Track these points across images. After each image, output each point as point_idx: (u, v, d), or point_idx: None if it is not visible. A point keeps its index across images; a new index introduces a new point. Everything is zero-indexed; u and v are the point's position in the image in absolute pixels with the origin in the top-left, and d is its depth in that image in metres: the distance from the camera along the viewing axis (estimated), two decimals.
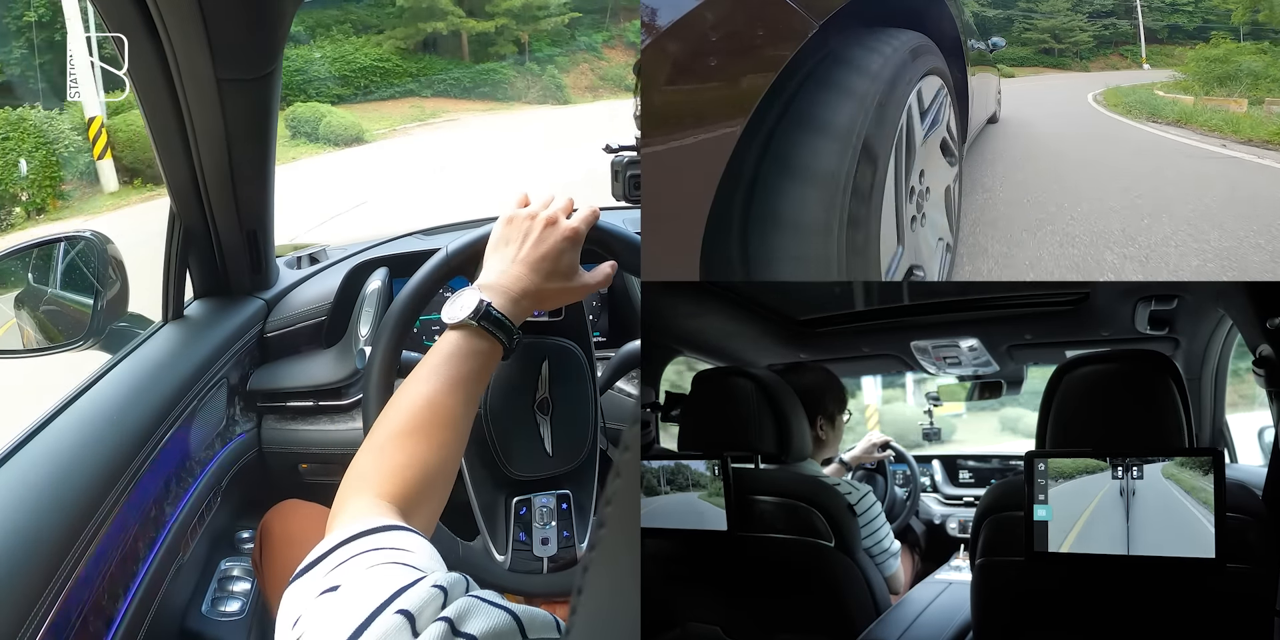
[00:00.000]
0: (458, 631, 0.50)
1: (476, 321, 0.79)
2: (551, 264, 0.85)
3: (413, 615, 0.51)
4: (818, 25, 0.68)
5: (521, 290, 0.83)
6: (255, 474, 1.25)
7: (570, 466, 1.01)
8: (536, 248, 0.85)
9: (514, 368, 0.98)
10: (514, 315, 0.82)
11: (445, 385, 0.76)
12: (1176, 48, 4.98)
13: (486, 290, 0.82)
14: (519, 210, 0.87)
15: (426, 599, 0.52)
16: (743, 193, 0.76)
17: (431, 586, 0.53)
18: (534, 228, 0.85)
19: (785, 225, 0.75)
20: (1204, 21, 5.04)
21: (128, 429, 0.93)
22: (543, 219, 0.85)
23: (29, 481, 0.80)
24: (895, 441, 1.70)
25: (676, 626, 1.11)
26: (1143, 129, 3.43)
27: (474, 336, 0.79)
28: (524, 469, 0.99)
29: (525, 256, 0.84)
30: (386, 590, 0.53)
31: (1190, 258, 1.58)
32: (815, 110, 0.74)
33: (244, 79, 1.00)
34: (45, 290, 1.21)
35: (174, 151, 1.05)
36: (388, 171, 10.09)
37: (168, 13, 0.89)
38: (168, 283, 1.15)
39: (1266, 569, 0.71)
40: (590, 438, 1.02)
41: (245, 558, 1.22)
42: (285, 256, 1.44)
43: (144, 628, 0.92)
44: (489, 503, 0.98)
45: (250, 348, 1.24)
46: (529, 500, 1.00)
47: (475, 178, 8.73)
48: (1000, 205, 1.96)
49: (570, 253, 0.86)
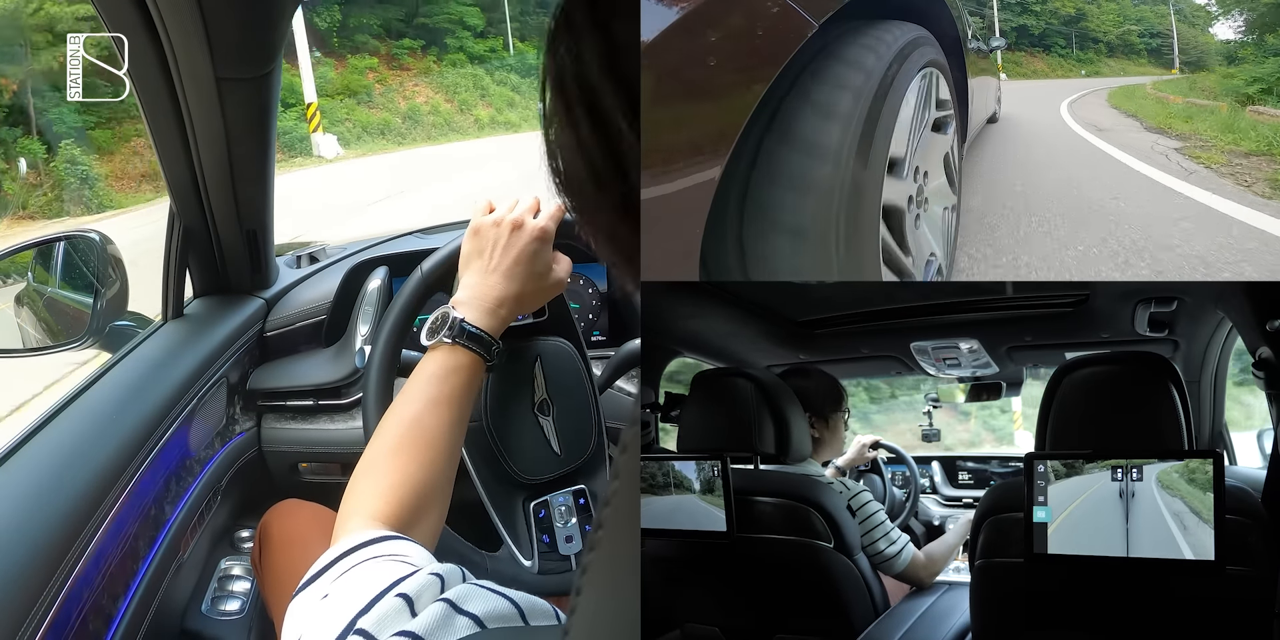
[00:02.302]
0: (460, 610, 0.51)
1: (452, 339, 0.81)
2: (525, 267, 0.85)
3: (411, 598, 0.52)
4: (817, 25, 0.68)
5: (497, 299, 0.84)
6: (255, 473, 1.25)
7: (580, 461, 1.01)
8: (506, 254, 0.85)
9: (508, 374, 0.98)
10: (492, 327, 0.83)
11: (428, 405, 0.78)
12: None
13: (461, 306, 0.83)
14: (484, 219, 0.87)
15: (424, 584, 0.53)
16: (738, 191, 0.76)
17: (429, 573, 0.55)
18: (501, 235, 0.85)
19: (783, 225, 0.75)
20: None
21: (127, 428, 0.93)
22: (509, 224, 0.85)
23: (29, 480, 0.81)
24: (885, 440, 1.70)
25: (676, 627, 1.11)
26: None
27: (452, 354, 0.81)
28: (535, 472, 0.99)
29: (497, 265, 0.85)
30: (384, 581, 0.54)
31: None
32: (811, 107, 0.74)
33: (244, 78, 1.01)
34: (45, 289, 1.21)
35: (174, 151, 1.05)
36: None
37: (167, 13, 0.89)
38: (167, 282, 1.15)
39: (1266, 572, 0.71)
40: (596, 429, 1.02)
41: (245, 557, 1.22)
42: (285, 255, 1.44)
43: (144, 627, 0.92)
44: (507, 511, 0.98)
45: (250, 347, 1.24)
46: (546, 502, 1.00)
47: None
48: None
49: (542, 252, 0.86)
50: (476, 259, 0.86)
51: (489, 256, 0.85)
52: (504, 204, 0.89)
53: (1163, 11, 5.23)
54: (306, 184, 10.40)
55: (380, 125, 15.04)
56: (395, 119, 15.34)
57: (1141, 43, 5.38)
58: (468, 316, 0.82)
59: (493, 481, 0.97)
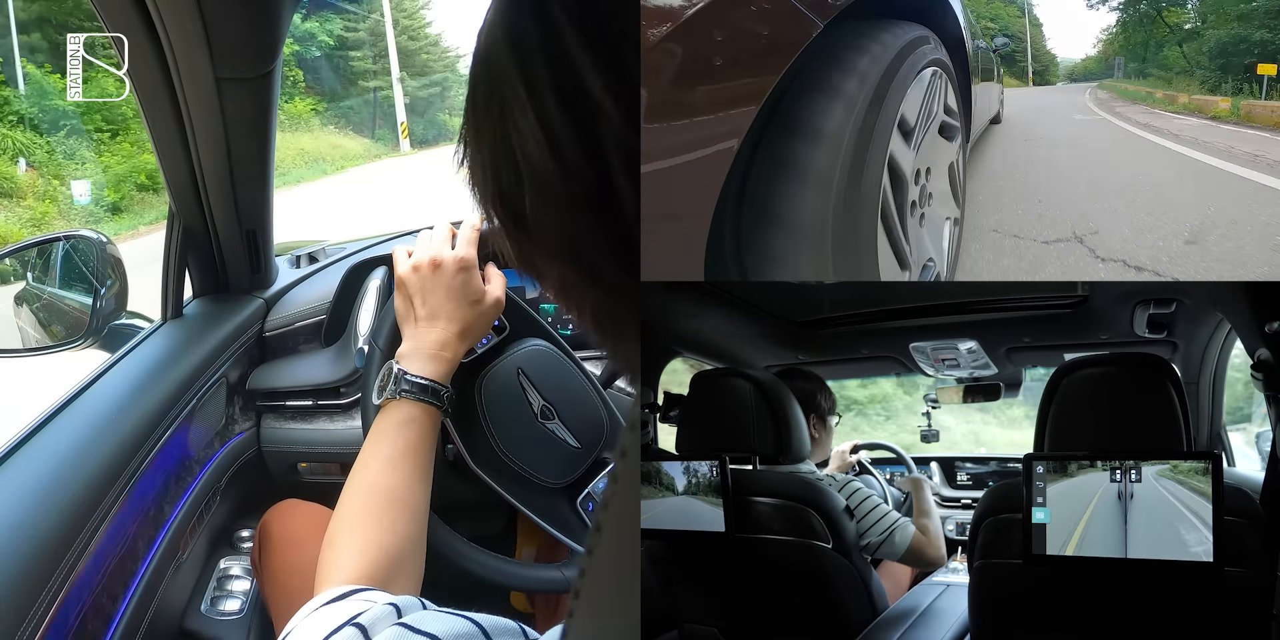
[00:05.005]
0: (417, 631, 0.52)
1: (398, 393, 0.82)
2: (456, 303, 0.86)
3: (365, 626, 0.54)
4: (822, 25, 0.68)
5: (438, 343, 0.85)
6: (254, 473, 1.25)
7: (601, 444, 1.01)
8: (433, 296, 0.85)
9: (499, 396, 0.98)
10: (440, 372, 0.84)
11: (386, 466, 0.79)
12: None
13: (404, 359, 0.84)
14: (402, 269, 0.87)
15: (380, 614, 0.55)
16: (736, 190, 0.75)
17: (385, 604, 0.56)
18: (423, 279, 0.86)
19: (781, 223, 0.75)
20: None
21: (127, 428, 0.93)
22: (426, 266, 0.86)
23: (28, 480, 0.80)
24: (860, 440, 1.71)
25: (674, 628, 1.11)
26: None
27: (401, 407, 0.82)
28: (564, 474, 0.99)
29: (429, 311, 0.86)
30: (342, 617, 0.56)
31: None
32: (813, 104, 0.74)
33: (243, 78, 1.00)
34: (45, 289, 1.21)
35: (174, 151, 1.05)
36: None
37: (167, 13, 0.89)
38: (167, 282, 1.15)
39: (1264, 573, 0.71)
40: (604, 408, 1.02)
41: (244, 557, 1.22)
42: (284, 255, 1.44)
43: (143, 627, 0.91)
44: (557, 518, 0.98)
45: (249, 347, 1.24)
46: (588, 493, 1.01)
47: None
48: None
49: (469, 280, 0.86)
50: (407, 312, 0.87)
51: (419, 305, 0.86)
52: (421, 243, 0.88)
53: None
54: None
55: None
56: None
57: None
58: (411, 368, 0.83)
59: (533, 498, 0.97)
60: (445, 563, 0.89)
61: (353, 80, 20.09)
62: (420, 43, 22.67)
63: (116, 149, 11.34)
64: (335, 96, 19.27)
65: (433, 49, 23.19)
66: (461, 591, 0.92)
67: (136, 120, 3.91)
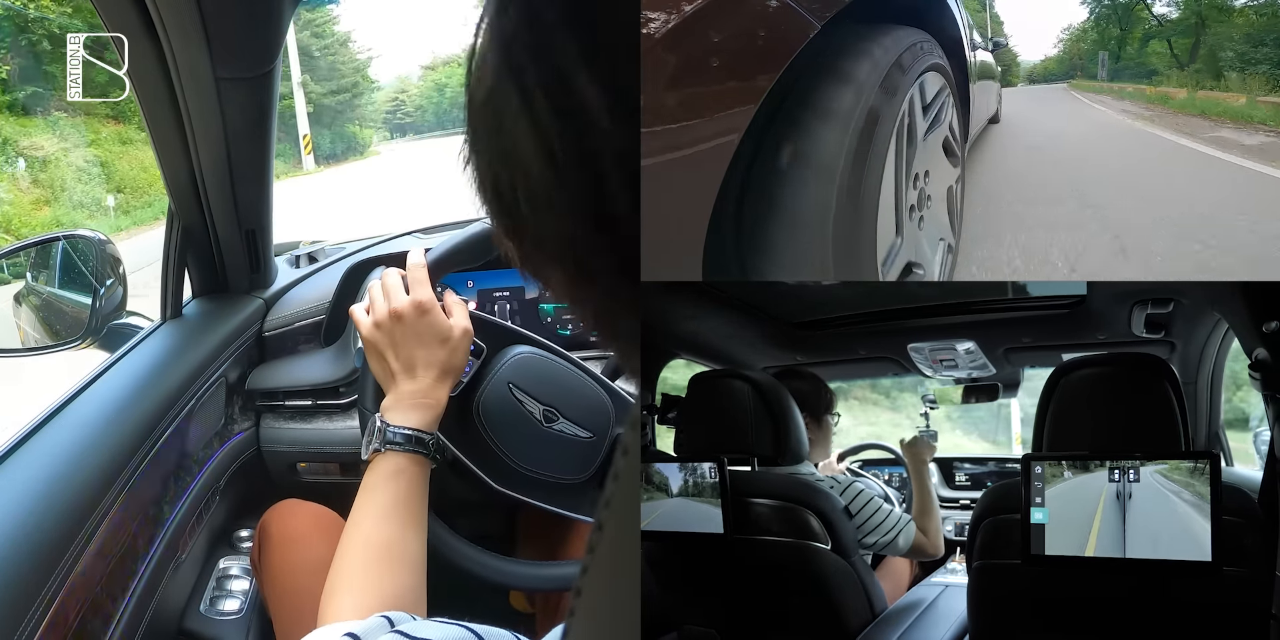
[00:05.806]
0: (413, 638, 0.54)
1: (383, 446, 0.82)
2: (426, 349, 0.85)
3: (359, 636, 0.56)
4: (819, 26, 0.68)
5: (418, 393, 0.85)
6: (254, 473, 1.25)
7: (610, 425, 1.01)
8: (403, 349, 0.85)
9: (500, 415, 0.96)
10: (426, 420, 0.84)
11: (378, 518, 0.79)
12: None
13: (387, 412, 0.84)
14: (364, 327, 0.87)
15: (373, 625, 0.57)
16: (736, 187, 0.76)
17: (378, 617, 0.58)
18: (389, 335, 0.85)
19: (783, 216, 0.75)
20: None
21: (126, 428, 0.93)
22: (387, 320, 0.85)
23: (28, 480, 0.80)
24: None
25: (674, 629, 1.11)
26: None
27: (388, 459, 0.82)
28: (584, 468, 0.99)
29: (403, 364, 0.85)
30: (337, 631, 0.58)
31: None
32: (813, 104, 0.74)
33: (243, 78, 1.00)
34: (44, 289, 1.21)
35: (173, 151, 1.05)
36: None
37: (167, 13, 0.89)
38: (166, 282, 1.15)
39: (1262, 573, 0.71)
40: (607, 393, 1.02)
41: (244, 557, 1.22)
42: (284, 255, 1.44)
43: (142, 626, 0.91)
44: (592, 509, 0.97)
45: (249, 347, 1.24)
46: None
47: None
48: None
49: (433, 321, 0.85)
50: (381, 370, 0.87)
51: (392, 359, 0.86)
52: (374, 297, 0.88)
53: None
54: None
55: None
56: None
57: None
58: (394, 421, 0.83)
59: (562, 497, 0.96)
60: (445, 563, 0.89)
61: None
62: (326, 40, 19.89)
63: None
64: None
65: (341, 49, 20.43)
66: (461, 591, 0.92)
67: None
